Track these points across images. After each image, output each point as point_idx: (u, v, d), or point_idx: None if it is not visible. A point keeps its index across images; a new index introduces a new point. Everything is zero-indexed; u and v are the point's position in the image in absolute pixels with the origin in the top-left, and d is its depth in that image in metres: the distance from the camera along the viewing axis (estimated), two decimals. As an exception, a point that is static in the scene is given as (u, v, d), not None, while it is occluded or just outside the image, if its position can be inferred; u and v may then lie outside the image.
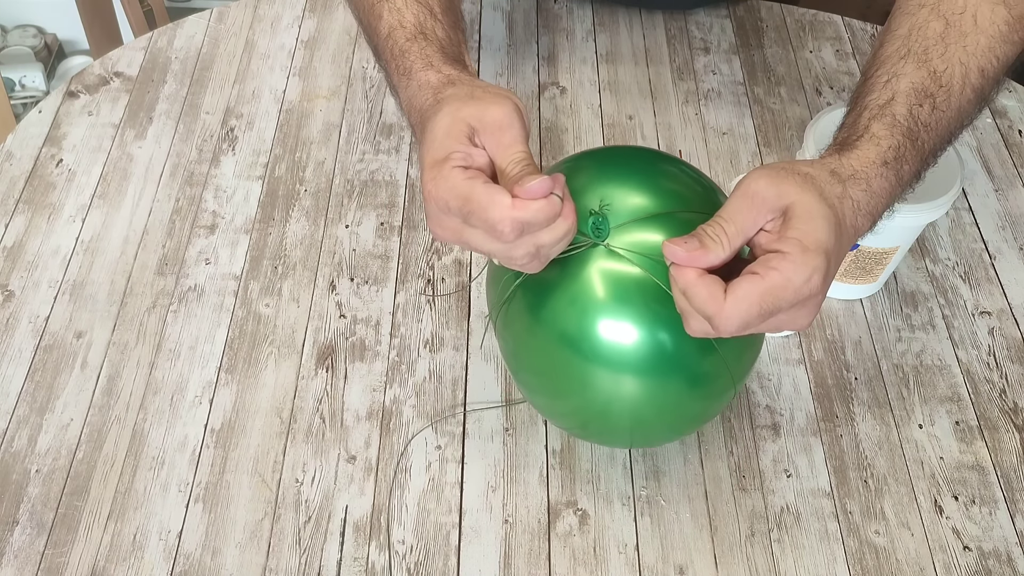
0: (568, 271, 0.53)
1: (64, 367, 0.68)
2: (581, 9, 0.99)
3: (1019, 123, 0.90)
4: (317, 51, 0.92)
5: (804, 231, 0.47)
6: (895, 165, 0.53)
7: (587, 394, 0.55)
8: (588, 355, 0.53)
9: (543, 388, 0.59)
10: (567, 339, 0.53)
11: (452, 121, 0.50)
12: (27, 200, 0.78)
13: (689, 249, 0.47)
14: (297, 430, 0.65)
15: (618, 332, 0.52)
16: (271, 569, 0.59)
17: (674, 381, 0.54)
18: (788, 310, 0.47)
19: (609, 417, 0.56)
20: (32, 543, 0.60)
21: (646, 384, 0.53)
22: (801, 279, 0.46)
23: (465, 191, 0.47)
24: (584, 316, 0.52)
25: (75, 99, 0.87)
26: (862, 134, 0.53)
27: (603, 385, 0.54)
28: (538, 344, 0.55)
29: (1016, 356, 0.73)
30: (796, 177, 0.48)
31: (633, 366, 0.52)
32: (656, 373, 0.53)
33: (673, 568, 0.60)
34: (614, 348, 0.52)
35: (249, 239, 0.76)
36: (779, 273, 0.46)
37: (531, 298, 0.54)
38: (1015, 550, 0.62)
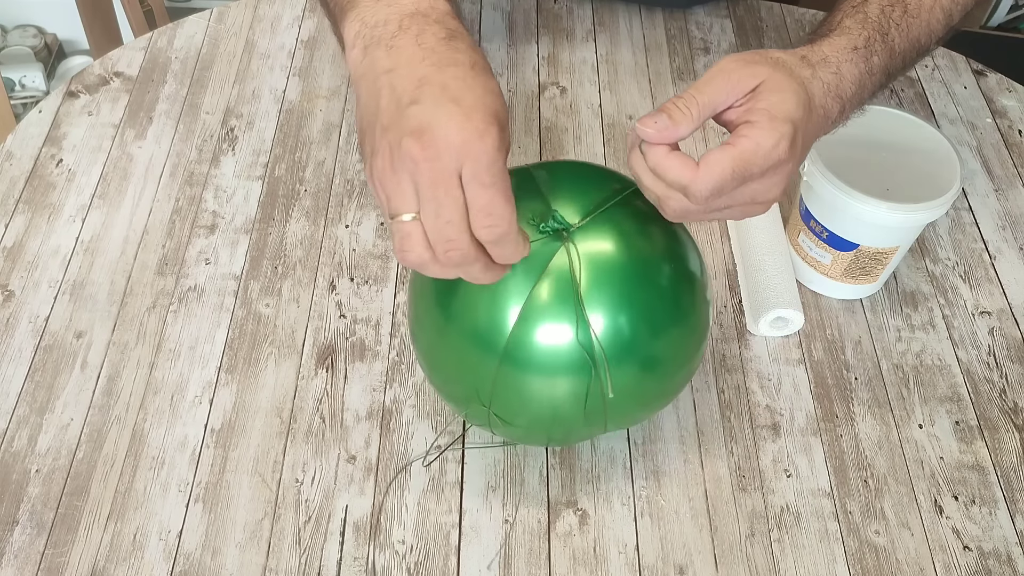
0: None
1: (64, 367, 0.68)
2: (581, 9, 0.99)
3: (1019, 123, 0.90)
4: (317, 51, 0.92)
5: (772, 102, 0.49)
6: (864, 52, 0.56)
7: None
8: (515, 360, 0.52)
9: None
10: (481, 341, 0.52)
11: (492, 89, 0.45)
12: (27, 200, 0.78)
13: (660, 128, 0.48)
14: (297, 430, 0.65)
15: (562, 332, 0.51)
16: (271, 569, 0.59)
17: (627, 371, 0.53)
18: (759, 178, 0.49)
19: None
20: (32, 543, 0.60)
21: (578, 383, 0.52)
22: (770, 143, 0.48)
23: (502, 167, 0.44)
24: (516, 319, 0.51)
25: (75, 99, 0.87)
26: (835, 28, 0.57)
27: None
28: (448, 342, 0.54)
29: (1016, 356, 0.73)
30: (767, 59, 0.51)
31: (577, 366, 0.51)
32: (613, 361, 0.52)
33: (673, 568, 0.60)
34: (550, 351, 0.51)
35: (249, 239, 0.76)
36: (749, 139, 0.48)
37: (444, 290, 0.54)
38: (1015, 550, 0.62)
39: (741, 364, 0.71)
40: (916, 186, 0.69)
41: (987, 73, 0.96)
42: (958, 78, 0.95)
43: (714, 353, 0.71)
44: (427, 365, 0.59)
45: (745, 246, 0.75)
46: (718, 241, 0.79)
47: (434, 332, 0.56)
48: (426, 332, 0.57)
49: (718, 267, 0.77)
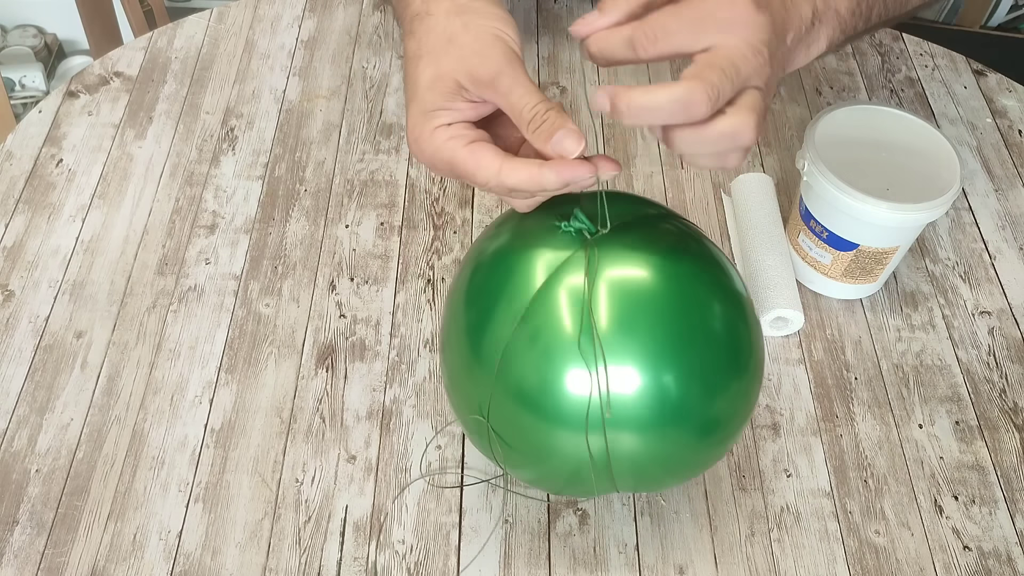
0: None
1: (64, 367, 0.68)
2: (581, 9, 0.99)
3: (1019, 123, 0.90)
4: (317, 51, 0.92)
5: (729, 13, 0.44)
6: None
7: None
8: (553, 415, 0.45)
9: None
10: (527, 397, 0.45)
11: (435, 75, 0.47)
12: (27, 200, 0.78)
13: (590, 20, 0.46)
14: (297, 430, 0.65)
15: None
16: (271, 569, 0.59)
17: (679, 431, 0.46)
18: (724, 41, 0.44)
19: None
20: (32, 543, 0.60)
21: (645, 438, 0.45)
22: (745, 52, 0.43)
23: (448, 156, 0.46)
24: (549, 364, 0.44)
25: (75, 99, 0.87)
26: None
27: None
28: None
29: (1016, 356, 0.73)
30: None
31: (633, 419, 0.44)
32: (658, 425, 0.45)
33: (673, 568, 0.60)
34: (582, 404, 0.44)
35: (249, 239, 0.76)
36: (721, 54, 0.43)
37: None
38: (1015, 550, 0.62)
39: (741, 364, 0.71)
40: (916, 186, 0.69)
41: (987, 73, 0.96)
42: (958, 78, 0.95)
43: (714, 353, 0.71)
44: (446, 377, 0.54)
45: (745, 246, 0.75)
46: (718, 241, 0.79)
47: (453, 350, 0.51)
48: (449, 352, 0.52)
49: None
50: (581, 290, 0.44)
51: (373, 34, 0.94)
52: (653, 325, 0.44)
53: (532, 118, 0.45)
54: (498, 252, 0.50)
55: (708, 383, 0.44)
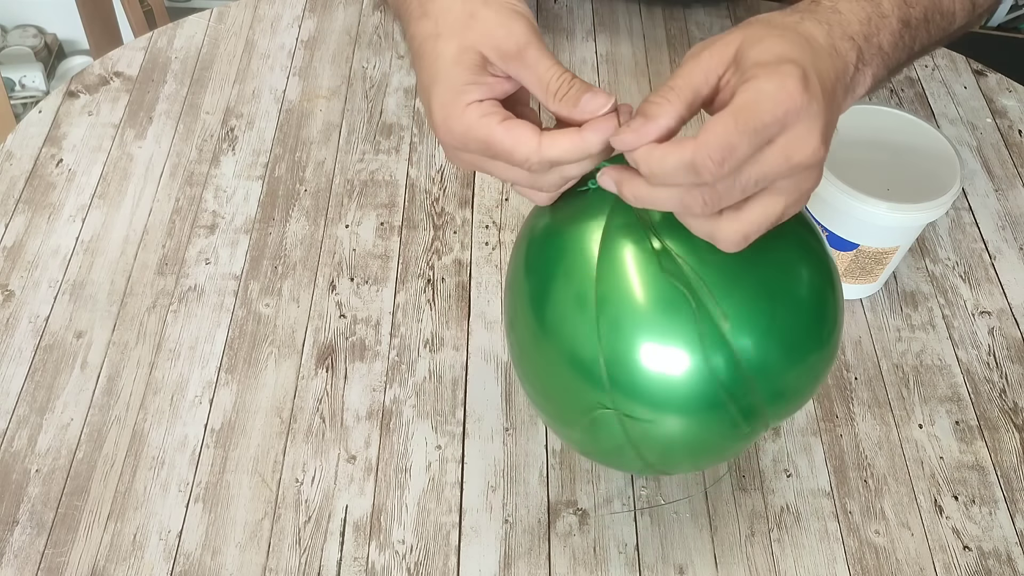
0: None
1: (64, 367, 0.68)
2: (581, 9, 0.99)
3: (1019, 123, 0.90)
4: (317, 51, 0.92)
5: (758, 53, 0.42)
6: None
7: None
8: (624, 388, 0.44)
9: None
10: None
11: (460, 49, 0.46)
12: (27, 200, 0.78)
13: (636, 128, 0.42)
14: (297, 430, 0.65)
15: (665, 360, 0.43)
16: (271, 569, 0.59)
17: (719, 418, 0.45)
18: (784, 132, 0.41)
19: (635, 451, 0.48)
20: (32, 543, 0.60)
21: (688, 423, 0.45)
22: (772, 85, 0.40)
23: (484, 133, 0.44)
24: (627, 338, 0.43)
25: (75, 99, 0.87)
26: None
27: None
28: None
29: (1016, 356, 0.73)
30: (739, 25, 0.45)
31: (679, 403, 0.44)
32: (703, 411, 0.44)
33: (673, 568, 0.60)
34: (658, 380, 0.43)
35: (249, 239, 0.76)
36: (745, 91, 0.41)
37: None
38: (1015, 550, 0.62)
39: (741, 364, 0.71)
40: (916, 186, 0.69)
41: (987, 73, 0.96)
42: (958, 78, 0.95)
43: (714, 353, 0.71)
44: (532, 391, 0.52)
45: (745, 246, 0.75)
46: (718, 241, 0.78)
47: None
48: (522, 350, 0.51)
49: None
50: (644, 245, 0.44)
51: (373, 34, 0.94)
52: (733, 284, 0.42)
53: (559, 87, 0.45)
54: (551, 241, 0.48)
55: (790, 349, 0.42)
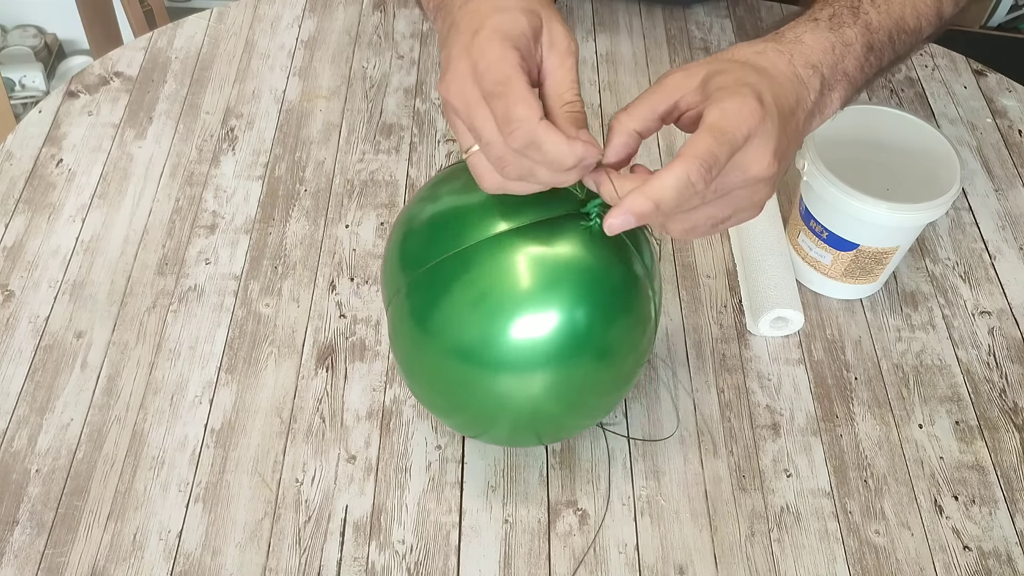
0: (475, 265, 0.51)
1: (64, 367, 0.68)
2: (581, 9, 0.99)
3: (1019, 123, 0.90)
4: (317, 51, 0.92)
5: (722, 83, 0.47)
6: (830, 24, 0.54)
7: (492, 402, 0.54)
8: (493, 363, 0.52)
9: (440, 403, 0.58)
10: (464, 350, 0.52)
11: (528, 6, 0.47)
12: (27, 200, 0.78)
13: (607, 149, 0.47)
14: (297, 430, 0.65)
15: (534, 327, 0.50)
16: (271, 569, 0.59)
17: (586, 360, 0.53)
18: (744, 148, 0.46)
19: (515, 417, 0.56)
20: (32, 543, 0.60)
21: (559, 374, 0.52)
22: (735, 105, 0.45)
23: (508, 73, 0.45)
24: (493, 318, 0.51)
25: (75, 99, 0.87)
26: (796, 18, 0.55)
27: (511, 389, 0.53)
28: (429, 358, 0.54)
29: (1016, 356, 0.73)
30: (706, 58, 0.50)
31: (546, 359, 0.51)
32: (570, 357, 0.52)
33: (673, 568, 0.60)
34: (526, 346, 0.51)
35: (249, 239, 0.76)
36: (712, 112, 0.45)
37: (420, 305, 0.53)
38: (1015, 550, 0.62)
39: (741, 364, 0.71)
40: (916, 186, 0.69)
41: (987, 73, 0.96)
42: (958, 78, 0.95)
43: (714, 353, 0.71)
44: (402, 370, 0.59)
45: (745, 246, 0.75)
46: (718, 241, 0.79)
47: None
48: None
49: (718, 267, 0.77)
50: None
51: (373, 34, 0.94)
52: (571, 283, 0.51)
53: (572, 100, 0.48)
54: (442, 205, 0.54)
55: (605, 318, 0.52)
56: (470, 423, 0.59)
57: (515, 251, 0.51)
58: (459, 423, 0.60)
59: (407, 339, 0.55)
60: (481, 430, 0.59)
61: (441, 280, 0.52)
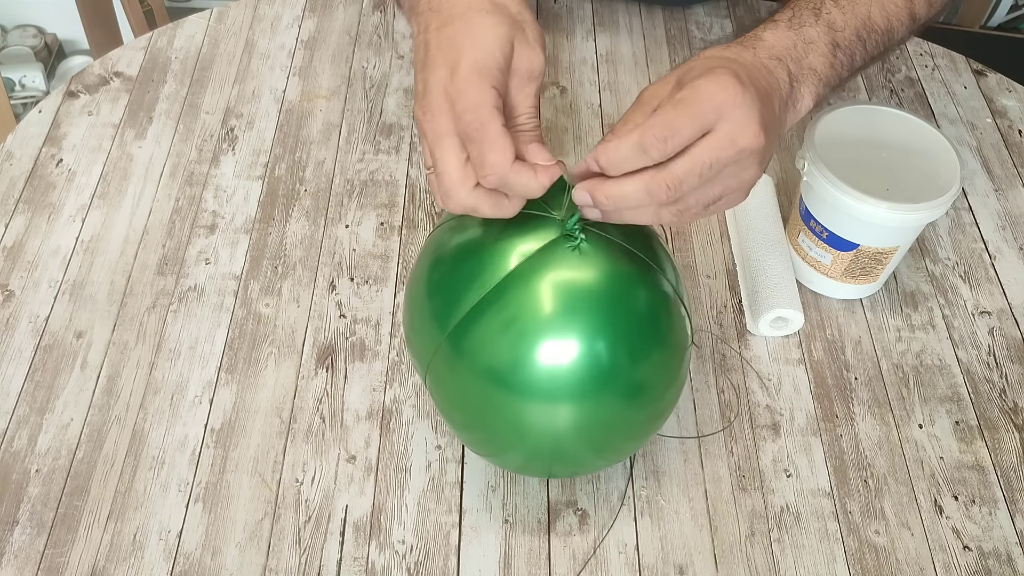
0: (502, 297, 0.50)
1: (64, 367, 0.68)
2: (581, 9, 0.99)
3: (1019, 123, 0.90)
4: (317, 51, 0.92)
5: (694, 73, 0.48)
6: (789, 24, 0.56)
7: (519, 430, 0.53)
8: (520, 388, 0.50)
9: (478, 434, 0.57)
10: (497, 374, 0.50)
11: (503, 36, 0.49)
12: (27, 200, 0.78)
13: (585, 166, 0.48)
14: (297, 430, 0.65)
15: (558, 353, 0.49)
16: (271, 569, 0.59)
17: (613, 397, 0.51)
18: (722, 120, 0.47)
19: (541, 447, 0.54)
20: (32, 543, 0.60)
21: (583, 408, 0.51)
22: (709, 83, 0.46)
23: (484, 118, 0.46)
24: (520, 341, 0.50)
25: (75, 99, 0.87)
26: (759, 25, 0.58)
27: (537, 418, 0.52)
28: (467, 387, 0.53)
29: (1016, 356, 0.73)
30: (675, 69, 0.51)
31: (571, 390, 0.50)
32: (595, 391, 0.51)
33: (673, 568, 0.60)
34: (551, 373, 0.50)
35: (249, 239, 0.76)
36: (684, 91, 0.47)
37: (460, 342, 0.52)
38: (1015, 550, 0.62)
39: (741, 364, 0.71)
40: (916, 186, 0.69)
41: (987, 73, 0.96)
42: (958, 78, 0.95)
43: (714, 353, 0.71)
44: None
45: (745, 246, 0.75)
46: (718, 241, 0.79)
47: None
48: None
49: (718, 267, 0.77)
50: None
51: (373, 34, 0.94)
52: (591, 310, 0.50)
53: (528, 125, 0.50)
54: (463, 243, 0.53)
55: (633, 352, 0.51)
56: (484, 443, 0.57)
57: (537, 278, 0.50)
58: (472, 440, 0.58)
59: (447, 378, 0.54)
60: (493, 452, 0.58)
61: (474, 322, 0.51)
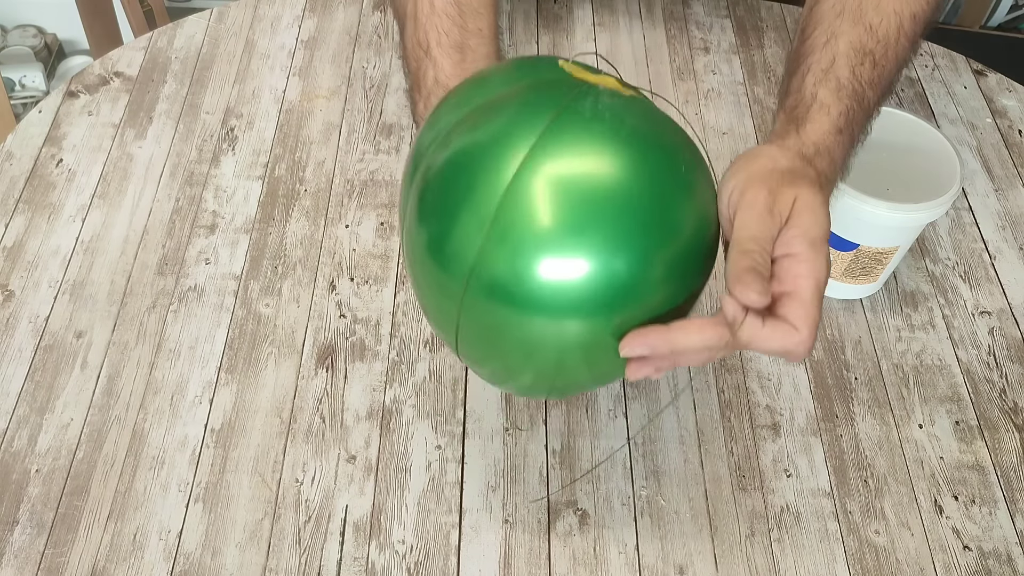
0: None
1: (64, 367, 0.68)
2: (581, 9, 0.99)
3: (1019, 123, 0.90)
4: (317, 51, 0.92)
5: (807, 225, 0.47)
6: (847, 130, 0.55)
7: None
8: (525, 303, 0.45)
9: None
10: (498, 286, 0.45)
11: None
12: (27, 200, 0.78)
13: (762, 292, 0.44)
14: (297, 430, 0.65)
15: (562, 271, 0.44)
16: (271, 569, 0.59)
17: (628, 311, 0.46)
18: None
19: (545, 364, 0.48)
20: (32, 543, 0.60)
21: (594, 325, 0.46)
22: (824, 270, 0.47)
23: None
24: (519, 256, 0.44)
25: (75, 99, 0.87)
26: (811, 103, 0.55)
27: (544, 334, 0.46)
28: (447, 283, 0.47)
29: (1016, 356, 0.73)
30: (786, 177, 0.49)
31: (580, 306, 0.45)
32: (609, 310, 0.45)
33: (673, 568, 0.60)
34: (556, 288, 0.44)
35: (249, 239, 0.76)
36: (807, 279, 0.46)
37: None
38: (1015, 550, 0.62)
39: (741, 364, 0.71)
40: (916, 186, 0.69)
41: (987, 73, 0.96)
42: (958, 78, 0.95)
43: (714, 353, 0.71)
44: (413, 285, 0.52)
45: (745, 246, 0.75)
46: (718, 241, 0.79)
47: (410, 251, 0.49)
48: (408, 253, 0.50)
49: (718, 266, 0.77)
50: None
51: (373, 34, 0.94)
52: (610, 215, 0.44)
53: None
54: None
55: (653, 263, 0.46)
56: (439, 324, 0.51)
57: (535, 177, 0.44)
58: (430, 318, 0.53)
59: (417, 249, 0.48)
60: (446, 337, 0.51)
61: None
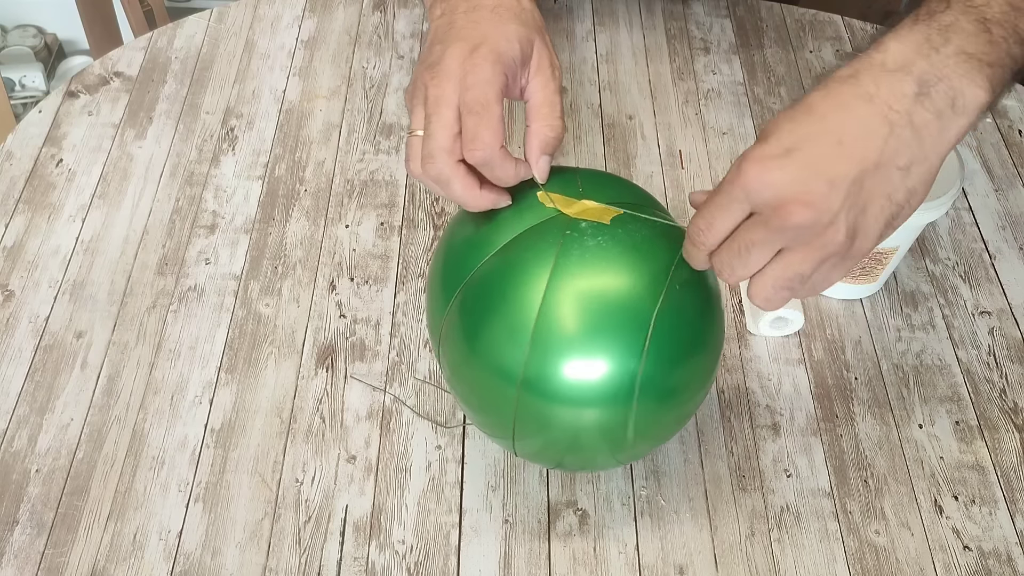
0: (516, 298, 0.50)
1: (64, 367, 0.68)
2: (581, 9, 0.99)
3: (1019, 123, 0.90)
4: (317, 51, 0.92)
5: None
6: (913, 21, 0.46)
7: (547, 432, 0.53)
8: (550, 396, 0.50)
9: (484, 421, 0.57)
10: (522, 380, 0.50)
11: (524, 36, 0.52)
12: (27, 200, 0.78)
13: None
14: (297, 430, 0.65)
15: (585, 370, 0.49)
16: (271, 569, 0.59)
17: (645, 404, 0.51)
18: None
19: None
20: (32, 543, 0.60)
21: (610, 414, 0.51)
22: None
23: (489, 97, 0.49)
24: (545, 357, 0.49)
25: (75, 99, 0.87)
26: None
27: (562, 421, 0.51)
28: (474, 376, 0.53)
29: (1016, 356, 0.73)
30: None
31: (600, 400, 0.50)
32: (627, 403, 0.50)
33: (673, 568, 0.60)
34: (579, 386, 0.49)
35: (249, 239, 0.76)
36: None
37: (467, 322, 0.52)
38: (1015, 550, 0.62)
39: (741, 364, 0.71)
40: (916, 186, 0.69)
41: (987, 73, 0.95)
42: (958, 78, 0.95)
43: (714, 353, 0.71)
44: (456, 391, 0.57)
45: (745, 246, 0.75)
46: (718, 241, 0.78)
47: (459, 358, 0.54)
48: (451, 355, 0.55)
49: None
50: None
51: (373, 34, 0.94)
52: (620, 321, 0.49)
53: (559, 122, 0.52)
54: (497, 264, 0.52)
55: (673, 357, 0.50)
56: (494, 426, 0.56)
57: (563, 291, 0.49)
58: (482, 422, 0.58)
59: (456, 344, 0.53)
60: (501, 436, 0.57)
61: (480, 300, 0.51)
